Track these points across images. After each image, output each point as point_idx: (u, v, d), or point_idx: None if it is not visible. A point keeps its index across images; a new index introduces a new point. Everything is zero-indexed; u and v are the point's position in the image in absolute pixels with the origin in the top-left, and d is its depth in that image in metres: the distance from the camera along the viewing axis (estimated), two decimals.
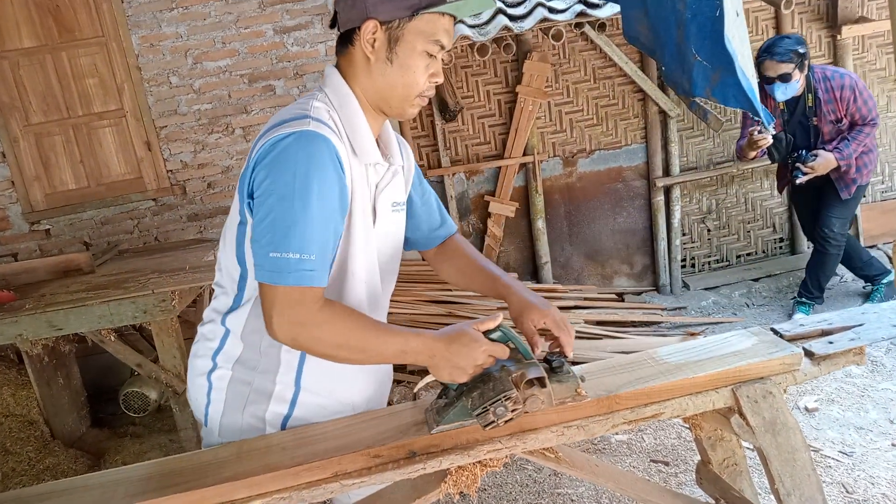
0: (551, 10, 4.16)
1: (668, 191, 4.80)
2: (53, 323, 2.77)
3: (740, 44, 1.83)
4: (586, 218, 4.84)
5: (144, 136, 4.34)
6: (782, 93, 3.72)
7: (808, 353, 1.52)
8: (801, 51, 3.63)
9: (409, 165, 1.61)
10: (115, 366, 3.93)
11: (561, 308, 4.42)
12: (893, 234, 4.90)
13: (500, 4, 4.25)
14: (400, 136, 1.59)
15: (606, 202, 4.84)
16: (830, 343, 1.53)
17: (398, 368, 3.98)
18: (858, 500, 2.41)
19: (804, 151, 3.80)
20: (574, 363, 1.48)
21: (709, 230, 4.96)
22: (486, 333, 1.33)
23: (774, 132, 3.77)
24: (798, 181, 3.81)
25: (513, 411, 1.28)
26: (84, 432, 3.64)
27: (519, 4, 4.28)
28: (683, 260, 4.96)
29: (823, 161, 3.74)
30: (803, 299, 4.18)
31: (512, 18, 4.13)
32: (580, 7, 4.10)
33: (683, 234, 4.92)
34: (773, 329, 1.62)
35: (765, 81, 3.71)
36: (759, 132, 3.68)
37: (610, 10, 4.14)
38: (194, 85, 4.31)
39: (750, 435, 1.44)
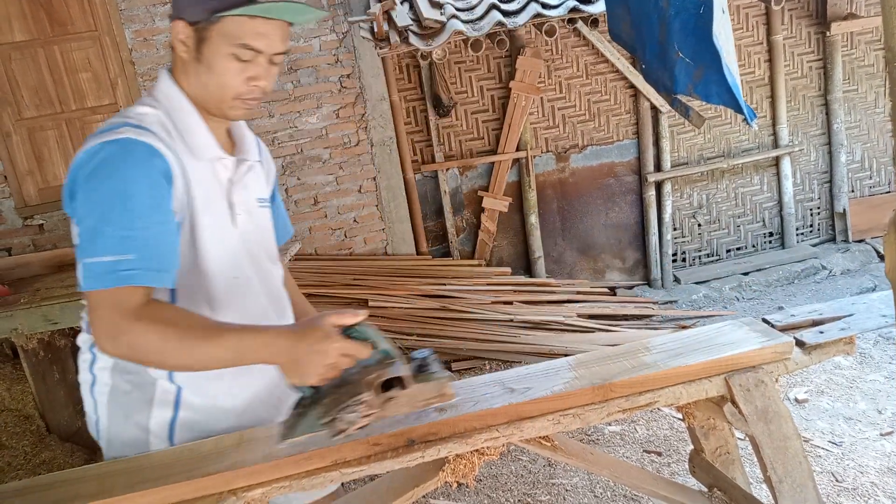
0: (544, 5, 4.17)
1: (659, 186, 4.83)
2: (48, 317, 2.77)
3: (726, 41, 1.85)
4: (579, 213, 4.87)
5: None
6: None
7: (800, 343, 1.54)
8: None
9: (268, 162, 1.60)
10: None
11: (554, 302, 4.46)
12: (881, 228, 4.94)
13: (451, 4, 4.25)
14: (255, 136, 1.58)
15: (598, 197, 4.87)
16: (821, 333, 1.56)
17: None
18: (848, 488, 2.45)
19: None
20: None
21: (699, 225, 5.01)
22: (345, 330, 1.20)
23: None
24: None
25: (365, 416, 1.18)
26: (80, 426, 3.63)
27: (512, 0, 4.30)
28: (674, 254, 5.00)
29: None
30: None
31: (505, 14, 4.15)
32: (573, 3, 4.11)
33: (674, 229, 4.96)
34: (764, 319, 1.65)
35: None
36: None
37: (602, 6, 4.14)
38: None
39: (742, 423, 1.47)
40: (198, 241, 1.32)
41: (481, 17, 4.17)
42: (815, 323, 1.62)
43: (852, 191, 5.06)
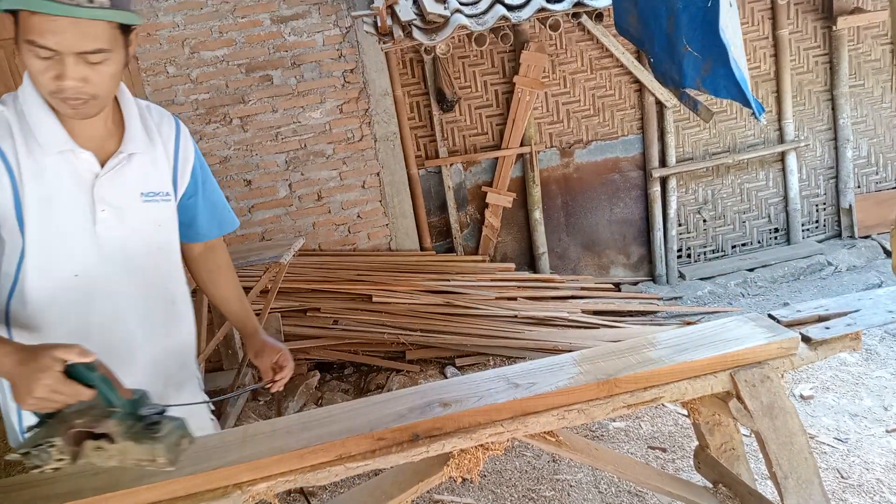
0: None
1: (664, 181, 4.82)
2: None
3: (733, 34, 1.84)
4: (583, 208, 4.86)
5: None
6: None
7: (805, 339, 1.54)
8: None
9: (184, 151, 1.54)
10: None
11: (558, 298, 4.45)
12: (887, 224, 4.93)
13: None
14: (176, 121, 1.55)
15: (603, 193, 4.86)
16: (827, 328, 1.55)
17: (396, 357, 4.00)
18: (853, 485, 2.44)
19: None
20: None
21: (704, 220, 4.99)
22: (73, 367, 1.14)
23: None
24: None
25: (59, 460, 1.15)
26: None
27: None
28: (679, 250, 4.99)
29: None
30: None
31: (509, 8, 4.13)
32: None
33: (679, 225, 4.94)
34: (770, 315, 1.64)
35: None
36: None
37: (607, 0, 4.15)
38: (191, 75, 4.30)
39: (748, 419, 1.46)
40: (26, 239, 1.31)
41: (485, 12, 4.16)
42: (821, 319, 1.62)
43: (858, 186, 5.04)
